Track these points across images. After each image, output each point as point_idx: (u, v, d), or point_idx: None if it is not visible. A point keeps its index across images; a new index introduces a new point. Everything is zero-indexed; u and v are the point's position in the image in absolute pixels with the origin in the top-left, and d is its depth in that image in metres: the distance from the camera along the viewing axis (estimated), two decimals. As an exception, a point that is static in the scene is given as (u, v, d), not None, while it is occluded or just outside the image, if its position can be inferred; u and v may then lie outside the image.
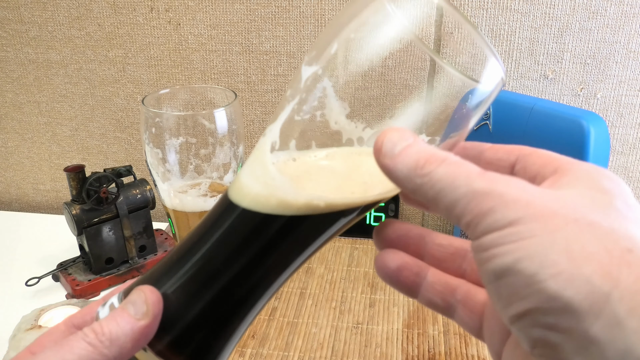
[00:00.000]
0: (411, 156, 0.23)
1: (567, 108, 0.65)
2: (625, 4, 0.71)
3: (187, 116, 0.54)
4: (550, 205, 0.20)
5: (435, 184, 0.22)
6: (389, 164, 0.23)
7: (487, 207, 0.21)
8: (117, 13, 0.81)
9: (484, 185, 0.21)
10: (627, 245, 0.19)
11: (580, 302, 0.18)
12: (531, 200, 0.20)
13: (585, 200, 0.21)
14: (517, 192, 0.21)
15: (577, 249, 0.19)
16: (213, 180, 0.57)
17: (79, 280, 0.70)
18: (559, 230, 0.19)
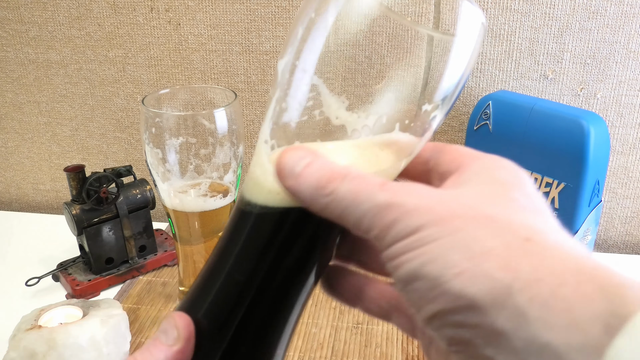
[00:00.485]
0: (313, 175, 0.23)
1: (567, 108, 0.65)
2: (625, 4, 0.71)
3: (187, 116, 0.54)
4: (449, 207, 0.21)
5: (340, 202, 0.23)
6: (293, 184, 0.24)
7: (390, 219, 0.21)
8: (117, 13, 0.81)
9: (386, 197, 0.22)
10: (525, 235, 0.20)
11: (483, 297, 0.19)
12: (431, 205, 0.21)
13: (482, 196, 0.22)
14: (417, 199, 0.21)
15: (476, 246, 0.20)
16: (213, 180, 0.57)
17: (79, 280, 0.70)
18: (459, 231, 0.20)
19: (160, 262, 0.75)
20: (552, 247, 0.20)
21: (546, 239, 0.20)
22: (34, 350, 0.52)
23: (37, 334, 0.53)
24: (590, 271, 0.19)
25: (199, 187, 0.57)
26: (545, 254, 0.19)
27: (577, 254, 0.20)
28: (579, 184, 0.62)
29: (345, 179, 0.23)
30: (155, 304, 0.68)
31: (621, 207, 0.81)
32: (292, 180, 0.24)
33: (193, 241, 0.60)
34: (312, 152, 0.24)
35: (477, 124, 0.70)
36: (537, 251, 0.19)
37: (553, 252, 0.20)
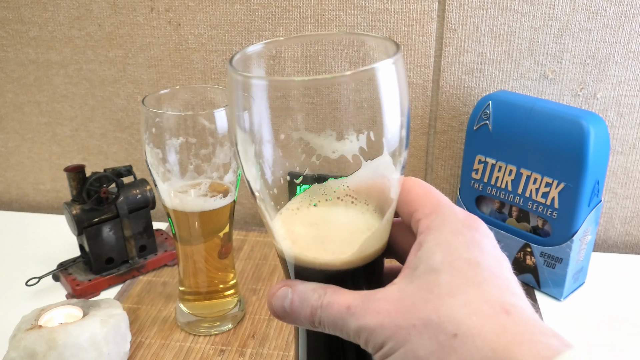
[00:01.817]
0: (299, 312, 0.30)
1: (567, 108, 0.65)
2: (625, 4, 0.71)
3: (187, 116, 0.54)
4: (396, 319, 0.26)
5: (328, 329, 0.29)
6: (292, 322, 0.31)
7: (364, 339, 0.27)
8: (117, 13, 0.81)
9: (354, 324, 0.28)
10: (453, 330, 0.25)
11: None
12: (383, 322, 0.27)
13: (421, 293, 0.27)
14: (374, 319, 0.27)
15: (421, 353, 0.25)
16: (213, 180, 0.57)
17: (79, 280, 0.70)
18: (406, 342, 0.26)
19: (160, 262, 0.75)
20: (472, 337, 0.24)
21: (468, 329, 0.25)
22: (34, 350, 0.52)
23: (38, 334, 0.53)
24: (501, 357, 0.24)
25: (199, 187, 0.57)
26: (467, 347, 0.24)
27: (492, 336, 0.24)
28: (579, 184, 0.63)
29: (321, 309, 0.29)
30: (156, 304, 0.68)
31: (621, 207, 0.81)
32: (288, 319, 0.30)
33: (193, 241, 0.60)
34: (290, 286, 0.30)
35: (477, 124, 0.70)
36: (462, 345, 0.24)
37: (474, 343, 0.24)
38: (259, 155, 0.28)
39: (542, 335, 0.24)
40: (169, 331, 0.63)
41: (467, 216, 0.29)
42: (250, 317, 0.65)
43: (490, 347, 0.24)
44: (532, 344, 0.24)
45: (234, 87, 0.29)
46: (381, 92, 0.27)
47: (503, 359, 0.24)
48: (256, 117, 0.28)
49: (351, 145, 0.28)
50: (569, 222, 0.65)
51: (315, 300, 0.29)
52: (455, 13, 0.74)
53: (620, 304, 0.69)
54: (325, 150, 0.29)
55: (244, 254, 0.78)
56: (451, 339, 0.25)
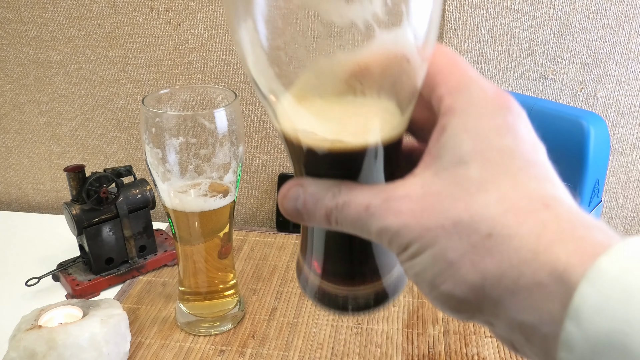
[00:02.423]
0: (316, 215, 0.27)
1: (567, 108, 0.65)
2: (625, 4, 0.71)
3: (187, 116, 0.54)
4: (422, 219, 0.24)
5: (348, 229, 0.27)
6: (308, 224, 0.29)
7: (387, 241, 0.25)
8: (117, 13, 0.81)
9: (374, 226, 0.25)
10: (486, 230, 0.23)
11: (467, 296, 0.23)
12: (408, 223, 0.24)
13: (448, 189, 0.24)
14: (396, 220, 0.25)
15: (451, 255, 0.23)
16: (213, 180, 0.57)
17: (79, 280, 0.70)
18: (435, 243, 0.24)
19: (160, 262, 0.75)
20: (509, 236, 0.22)
21: (503, 228, 0.23)
22: (34, 350, 0.52)
23: (37, 334, 0.53)
24: (542, 257, 0.22)
25: (199, 187, 0.57)
26: (503, 247, 0.22)
27: (531, 237, 0.22)
28: (579, 184, 0.62)
29: (337, 210, 0.26)
30: (155, 304, 0.68)
31: (621, 207, 0.81)
32: (305, 221, 0.28)
33: (193, 241, 0.60)
34: (300, 183, 0.27)
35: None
36: (497, 246, 0.23)
37: (510, 243, 0.22)
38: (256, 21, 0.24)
39: (587, 229, 0.22)
40: (169, 331, 0.63)
41: (497, 93, 0.25)
42: (250, 317, 0.65)
43: (529, 248, 0.22)
44: (575, 240, 0.22)
45: None
46: None
47: (544, 261, 0.22)
48: None
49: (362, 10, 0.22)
50: (569, 222, 0.64)
51: (330, 199, 0.26)
52: (455, 13, 0.74)
53: (620, 304, 0.69)
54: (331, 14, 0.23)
55: (244, 254, 0.78)
56: (485, 240, 0.23)
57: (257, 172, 0.87)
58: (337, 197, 0.26)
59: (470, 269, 0.23)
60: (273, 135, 0.85)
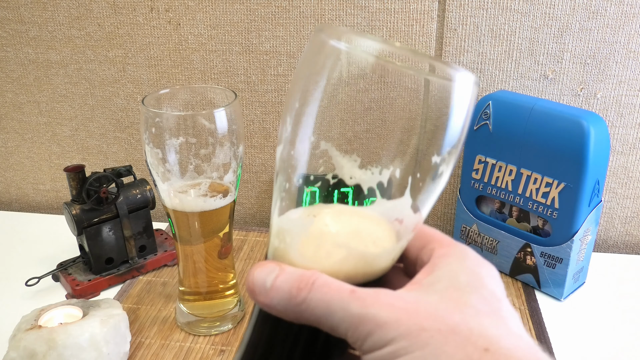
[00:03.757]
0: (282, 287, 0.25)
1: (567, 108, 0.65)
2: (625, 4, 0.71)
3: (187, 116, 0.54)
4: (416, 319, 0.23)
5: (313, 311, 0.24)
6: (265, 301, 0.25)
7: (365, 331, 0.23)
8: (117, 13, 0.81)
9: (358, 308, 0.23)
10: (484, 345, 0.22)
11: None
12: (400, 318, 0.23)
13: (445, 304, 0.24)
14: (387, 311, 0.23)
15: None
16: (213, 180, 0.57)
17: (79, 280, 0.70)
18: (426, 346, 0.22)
19: (160, 262, 0.75)
20: (505, 356, 0.22)
21: (500, 347, 0.22)
22: (34, 350, 0.52)
23: (37, 334, 0.53)
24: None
25: (199, 187, 0.57)
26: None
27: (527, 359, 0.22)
28: (579, 184, 0.62)
29: (314, 285, 0.24)
30: (155, 304, 0.68)
31: (621, 207, 0.81)
32: (264, 296, 0.25)
33: (193, 241, 0.60)
34: (279, 265, 0.26)
35: (477, 124, 0.70)
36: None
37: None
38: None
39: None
40: (169, 331, 0.63)
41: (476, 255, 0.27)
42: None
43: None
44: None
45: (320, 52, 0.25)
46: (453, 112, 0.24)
47: None
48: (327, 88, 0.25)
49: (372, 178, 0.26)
50: (569, 222, 0.65)
51: (309, 276, 0.25)
52: (455, 13, 0.74)
53: (620, 304, 0.69)
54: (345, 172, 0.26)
55: (244, 254, 0.78)
56: (482, 353, 0.22)
57: (257, 172, 0.87)
58: (317, 277, 0.25)
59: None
60: (273, 135, 0.85)
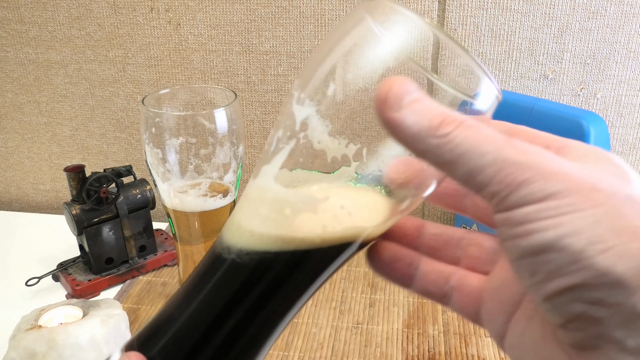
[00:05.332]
0: (423, 112, 0.20)
1: (567, 108, 0.65)
2: (625, 4, 0.71)
3: (187, 116, 0.54)
4: (588, 177, 0.20)
5: (456, 147, 0.20)
6: (397, 117, 0.21)
7: (522, 178, 0.19)
8: (117, 13, 0.81)
9: (516, 154, 0.20)
10: None
11: (631, 277, 0.18)
12: (568, 173, 0.20)
13: (610, 174, 0.20)
14: (552, 164, 0.20)
15: (622, 224, 0.19)
16: (213, 180, 0.57)
17: (79, 280, 0.70)
18: (601, 205, 0.19)
19: (160, 262, 0.75)
20: None
21: None
22: (34, 350, 0.52)
23: (37, 334, 0.53)
24: None
25: (199, 187, 0.57)
26: None
27: None
28: (579, 184, 0.62)
29: (462, 124, 0.20)
30: (156, 304, 0.68)
31: (621, 207, 0.81)
32: (397, 112, 0.20)
33: (193, 241, 0.60)
34: (421, 90, 0.21)
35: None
36: None
37: None
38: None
39: None
40: (169, 331, 0.63)
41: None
42: (250, 317, 0.65)
43: None
44: None
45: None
46: None
47: None
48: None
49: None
50: (569, 222, 0.64)
51: (458, 115, 0.21)
52: (455, 13, 0.74)
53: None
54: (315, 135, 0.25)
55: (243, 254, 0.78)
56: None
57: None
58: (465, 117, 0.21)
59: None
60: (273, 135, 0.85)
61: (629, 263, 0.18)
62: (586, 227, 0.19)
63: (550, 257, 0.19)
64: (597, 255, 0.19)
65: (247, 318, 0.26)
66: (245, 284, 0.26)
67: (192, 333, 0.26)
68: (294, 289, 0.27)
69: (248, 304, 0.26)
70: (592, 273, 0.19)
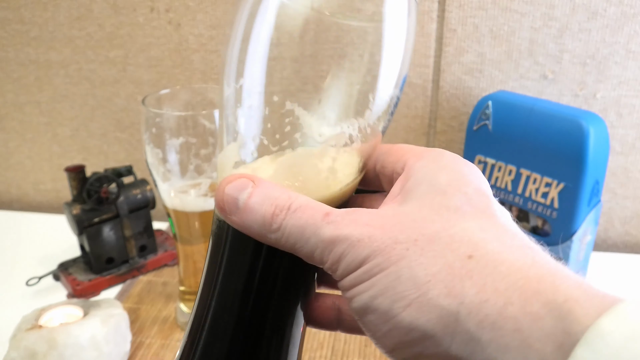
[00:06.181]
0: (257, 211, 0.23)
1: (566, 108, 0.65)
2: (625, 4, 0.71)
3: (187, 116, 0.54)
4: (391, 233, 0.21)
5: (288, 239, 0.23)
6: (238, 221, 0.23)
7: (338, 253, 0.21)
8: (117, 13, 0.81)
9: (330, 232, 0.22)
10: (467, 252, 0.20)
11: (433, 327, 0.19)
12: (373, 234, 0.21)
13: (424, 211, 0.22)
14: (360, 229, 0.21)
15: (420, 274, 0.20)
16: (213, 180, 0.57)
17: (79, 280, 0.70)
18: (401, 259, 0.20)
19: (160, 261, 0.75)
20: (494, 261, 0.19)
21: (487, 253, 0.20)
22: (34, 350, 0.52)
23: (38, 334, 0.53)
24: (535, 285, 0.18)
25: (200, 187, 0.57)
26: (487, 271, 0.19)
27: (520, 264, 0.19)
28: (579, 184, 0.63)
29: (289, 211, 0.23)
30: (156, 303, 0.68)
31: (621, 207, 0.81)
32: (237, 216, 0.23)
33: (193, 241, 0.60)
34: (252, 178, 0.23)
35: (476, 124, 0.70)
36: (480, 269, 0.19)
37: (495, 268, 0.19)
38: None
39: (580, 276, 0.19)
40: (169, 331, 0.64)
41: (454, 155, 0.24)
42: (251, 317, 0.65)
43: (520, 275, 0.19)
44: (574, 277, 0.19)
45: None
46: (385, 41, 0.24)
47: (539, 290, 0.18)
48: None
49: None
50: (568, 222, 0.65)
51: (285, 200, 0.23)
52: (455, 13, 0.74)
53: (620, 304, 0.69)
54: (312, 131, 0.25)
55: (244, 254, 0.78)
56: (465, 261, 0.19)
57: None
58: (293, 199, 0.23)
59: (442, 291, 0.19)
60: (273, 136, 0.85)
61: (428, 314, 0.19)
62: (389, 285, 0.20)
63: (370, 318, 0.21)
64: (401, 312, 0.20)
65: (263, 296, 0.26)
66: (233, 257, 0.26)
67: (219, 323, 0.27)
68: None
69: (260, 279, 0.25)
70: (402, 330, 0.20)
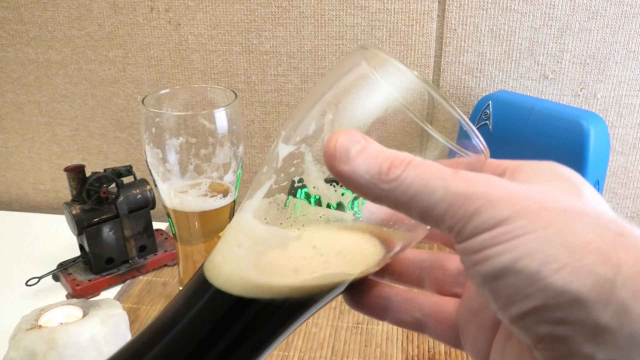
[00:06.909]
0: (372, 159, 0.22)
1: (567, 108, 0.65)
2: (625, 4, 0.71)
3: (187, 116, 0.54)
4: (535, 199, 0.20)
5: (407, 189, 0.21)
6: (347, 170, 0.22)
7: (472, 209, 0.20)
8: (117, 13, 0.81)
9: (463, 186, 0.20)
10: (617, 230, 0.19)
11: (588, 293, 0.18)
12: (514, 196, 0.20)
13: (560, 191, 0.21)
14: (498, 190, 0.20)
15: (573, 240, 0.19)
16: (213, 180, 0.57)
17: (79, 280, 0.70)
18: (551, 224, 0.19)
19: (160, 262, 0.75)
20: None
21: (637, 236, 0.19)
22: (34, 350, 0.52)
23: (38, 334, 0.53)
24: None
25: (199, 187, 0.57)
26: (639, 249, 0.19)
27: None
28: (579, 184, 0.63)
29: (410, 164, 0.21)
30: (156, 303, 0.68)
31: (621, 207, 0.81)
32: (347, 164, 0.22)
33: (193, 241, 0.60)
34: (365, 137, 0.22)
35: (477, 124, 0.70)
36: (633, 246, 0.19)
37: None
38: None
39: None
40: (169, 331, 0.63)
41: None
42: (250, 317, 0.65)
43: None
44: None
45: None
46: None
47: None
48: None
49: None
50: (569, 222, 0.65)
51: (404, 156, 0.22)
52: (455, 13, 0.74)
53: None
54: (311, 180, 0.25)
55: (244, 254, 0.78)
56: (617, 237, 0.19)
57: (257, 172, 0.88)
58: (412, 156, 0.22)
59: (599, 258, 0.19)
60: (273, 135, 0.85)
61: (584, 279, 0.19)
62: (538, 248, 0.19)
63: (509, 281, 0.20)
64: (552, 275, 0.19)
65: (221, 356, 0.25)
66: (221, 321, 0.25)
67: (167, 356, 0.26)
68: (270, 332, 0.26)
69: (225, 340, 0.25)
70: (549, 293, 0.19)
